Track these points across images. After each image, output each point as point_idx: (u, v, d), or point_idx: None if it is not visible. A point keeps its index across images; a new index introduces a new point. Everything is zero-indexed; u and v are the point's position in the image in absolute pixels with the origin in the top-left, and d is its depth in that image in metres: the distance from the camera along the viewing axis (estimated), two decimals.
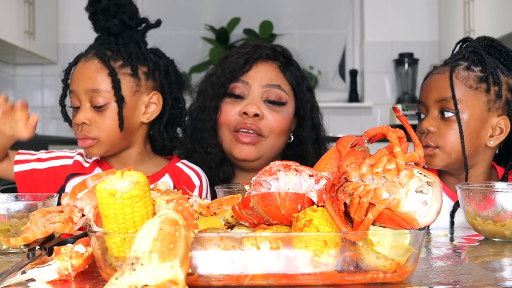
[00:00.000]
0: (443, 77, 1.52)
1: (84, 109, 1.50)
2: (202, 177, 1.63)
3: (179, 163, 1.64)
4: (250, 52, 1.70)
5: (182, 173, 1.60)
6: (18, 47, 3.89)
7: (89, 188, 0.93)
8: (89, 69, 1.51)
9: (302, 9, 4.98)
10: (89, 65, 1.52)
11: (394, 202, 0.79)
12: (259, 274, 0.80)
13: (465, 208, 1.26)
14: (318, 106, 1.80)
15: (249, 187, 0.94)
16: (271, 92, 1.65)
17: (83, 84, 1.50)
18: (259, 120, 1.63)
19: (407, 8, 4.73)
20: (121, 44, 1.56)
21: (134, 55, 1.55)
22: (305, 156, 1.74)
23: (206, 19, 4.93)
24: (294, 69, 1.72)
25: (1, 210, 1.12)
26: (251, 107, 1.62)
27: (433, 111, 1.52)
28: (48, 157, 1.61)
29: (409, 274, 0.84)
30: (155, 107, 1.58)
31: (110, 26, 1.56)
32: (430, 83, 1.55)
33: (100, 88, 1.50)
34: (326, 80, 4.93)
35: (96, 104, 1.49)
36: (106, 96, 1.50)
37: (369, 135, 0.86)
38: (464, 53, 1.55)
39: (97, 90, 1.49)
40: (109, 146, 1.54)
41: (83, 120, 1.49)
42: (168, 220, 0.71)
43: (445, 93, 1.49)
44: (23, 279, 0.84)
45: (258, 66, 1.68)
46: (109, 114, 1.50)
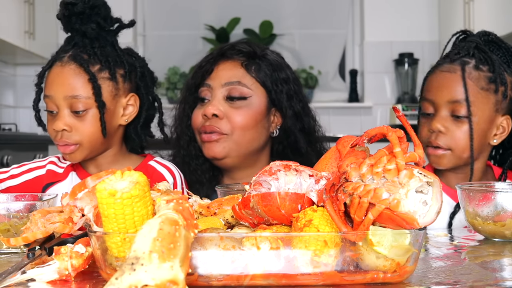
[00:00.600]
0: (455, 77, 1.50)
1: (63, 115, 1.48)
2: (176, 174, 1.63)
3: (151, 161, 1.65)
4: (213, 54, 1.73)
5: (155, 172, 1.60)
6: (18, 47, 3.89)
7: (89, 188, 0.93)
8: (67, 74, 1.49)
9: (302, 9, 4.98)
10: (66, 70, 1.49)
11: (394, 202, 0.79)
12: (259, 274, 0.80)
13: (465, 208, 1.26)
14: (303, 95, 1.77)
15: (249, 187, 0.94)
16: (231, 89, 1.65)
17: (61, 90, 1.48)
18: (219, 120, 1.64)
19: (407, 8, 4.73)
20: (97, 47, 1.54)
21: (111, 58, 1.54)
22: (297, 147, 1.73)
23: (206, 19, 4.93)
24: (263, 62, 1.71)
25: (1, 210, 1.12)
26: (210, 108, 1.64)
27: (444, 111, 1.50)
28: (21, 172, 1.61)
29: (409, 274, 0.84)
30: (132, 108, 1.58)
31: (87, 30, 1.53)
32: (440, 82, 1.53)
33: (81, 94, 1.48)
34: (326, 80, 4.93)
35: (75, 109, 1.48)
36: (86, 102, 1.48)
37: (369, 135, 0.86)
38: (468, 48, 1.54)
39: (77, 96, 1.48)
40: (90, 151, 1.53)
41: (63, 127, 1.48)
42: (168, 220, 0.71)
43: (458, 95, 1.48)
44: (23, 279, 0.84)
45: (219, 67, 1.69)
46: (89, 119, 1.49)
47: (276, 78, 1.70)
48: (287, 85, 1.72)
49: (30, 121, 4.73)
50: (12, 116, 4.65)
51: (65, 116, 1.48)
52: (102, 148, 1.56)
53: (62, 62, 1.51)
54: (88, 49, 1.53)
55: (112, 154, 1.60)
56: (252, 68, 1.68)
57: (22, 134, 4.17)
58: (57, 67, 1.51)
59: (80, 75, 1.49)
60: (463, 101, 1.48)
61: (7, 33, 3.72)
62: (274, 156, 1.74)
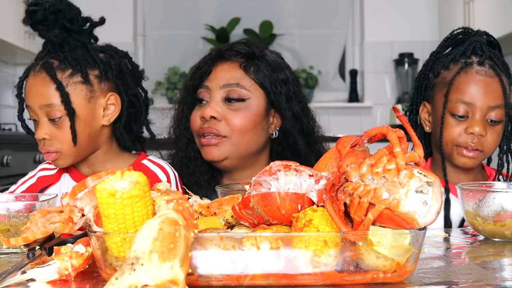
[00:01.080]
0: (494, 82, 1.53)
1: (42, 123, 1.49)
2: (170, 173, 1.62)
3: (145, 160, 1.64)
4: (211, 55, 1.72)
5: (148, 171, 1.60)
6: (18, 47, 3.88)
7: (89, 188, 0.93)
8: (39, 83, 1.49)
9: (302, 9, 4.97)
10: (38, 79, 1.49)
11: (394, 202, 0.79)
12: (259, 274, 0.80)
13: (465, 208, 1.27)
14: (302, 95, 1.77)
15: (249, 187, 0.94)
16: (229, 91, 1.64)
17: (36, 99, 1.49)
18: (217, 122, 1.63)
19: (407, 8, 4.73)
20: (67, 51, 1.53)
21: (82, 60, 1.52)
22: (297, 148, 1.73)
23: (206, 19, 4.93)
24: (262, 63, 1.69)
25: (1, 210, 1.12)
26: (208, 110, 1.63)
27: (483, 115, 1.52)
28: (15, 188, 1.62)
29: (409, 274, 0.84)
30: (114, 108, 1.56)
31: (50, 37, 1.53)
32: (480, 86, 1.53)
33: (53, 102, 1.48)
34: (326, 80, 4.93)
35: (52, 117, 1.48)
36: (60, 110, 1.48)
37: (369, 135, 0.86)
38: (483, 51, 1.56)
39: (50, 104, 1.48)
40: (74, 156, 1.53)
41: (43, 136, 1.48)
42: (168, 220, 0.71)
43: (499, 101, 1.53)
44: (23, 279, 0.84)
45: (217, 68, 1.68)
46: (66, 126, 1.49)
47: (275, 79, 1.69)
48: (286, 86, 1.71)
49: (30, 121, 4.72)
50: (12, 116, 4.64)
51: (44, 124, 1.49)
52: (88, 151, 1.56)
53: (34, 71, 1.51)
54: (58, 55, 1.52)
55: (102, 154, 1.60)
56: (251, 69, 1.67)
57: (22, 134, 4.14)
58: (31, 76, 1.51)
59: (50, 83, 1.48)
60: (502, 106, 1.53)
61: (7, 33, 3.71)
62: (273, 157, 1.73)
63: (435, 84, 1.62)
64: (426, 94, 1.66)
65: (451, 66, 1.58)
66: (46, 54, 1.54)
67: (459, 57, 1.58)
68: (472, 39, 1.60)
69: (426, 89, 1.66)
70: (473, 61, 1.55)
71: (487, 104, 1.51)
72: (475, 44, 1.57)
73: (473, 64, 1.55)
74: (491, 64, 1.55)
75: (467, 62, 1.56)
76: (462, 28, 1.65)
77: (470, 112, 1.53)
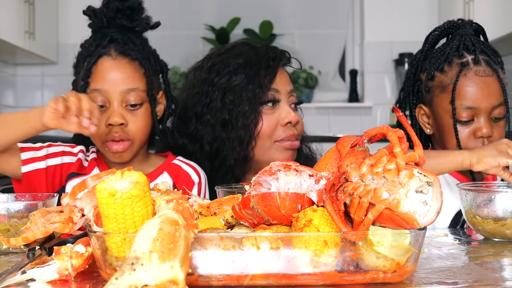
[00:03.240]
0: (494, 80, 1.53)
1: (119, 109, 1.44)
2: (201, 174, 1.61)
3: (176, 160, 1.61)
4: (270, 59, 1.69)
5: (181, 171, 1.58)
6: (18, 47, 3.88)
7: (89, 188, 0.93)
8: (123, 67, 1.46)
9: (302, 9, 4.97)
10: (121, 63, 1.46)
11: (394, 202, 0.79)
12: (259, 274, 0.80)
13: (465, 208, 1.27)
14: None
15: (249, 187, 0.94)
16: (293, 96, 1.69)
17: (119, 83, 1.45)
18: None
19: (407, 8, 4.73)
20: (139, 44, 1.53)
21: (151, 55, 1.54)
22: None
23: (206, 19, 4.93)
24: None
25: (1, 210, 1.12)
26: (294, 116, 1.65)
27: (487, 116, 1.52)
28: (52, 153, 1.53)
29: (409, 274, 0.84)
30: (161, 106, 1.57)
31: (138, 26, 1.53)
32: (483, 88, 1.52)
33: (139, 87, 1.46)
34: (326, 80, 4.92)
35: (131, 103, 1.45)
36: (142, 96, 1.46)
37: (369, 135, 0.86)
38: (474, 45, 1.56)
39: (135, 89, 1.45)
40: (138, 149, 1.51)
41: (121, 120, 1.43)
42: (168, 220, 0.71)
43: (500, 99, 1.53)
44: (23, 279, 0.84)
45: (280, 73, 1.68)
46: (142, 113, 1.47)
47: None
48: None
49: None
50: None
51: (121, 109, 1.45)
52: (143, 146, 1.54)
53: (111, 56, 1.47)
54: (132, 46, 1.50)
55: (141, 154, 1.57)
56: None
57: None
58: (107, 60, 1.47)
59: (136, 68, 1.47)
60: (502, 103, 1.53)
61: (7, 33, 3.71)
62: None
63: (431, 87, 1.59)
64: (420, 96, 1.65)
65: (446, 69, 1.56)
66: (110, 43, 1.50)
67: (452, 57, 1.56)
68: (459, 33, 1.58)
69: (419, 91, 1.65)
70: (468, 60, 1.54)
71: (491, 104, 1.51)
72: (464, 38, 1.56)
73: (470, 64, 1.53)
74: (486, 60, 1.54)
75: (463, 63, 1.54)
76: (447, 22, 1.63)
77: (474, 116, 1.52)
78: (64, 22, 4.61)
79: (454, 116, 1.52)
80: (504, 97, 1.53)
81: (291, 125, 1.63)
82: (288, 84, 1.67)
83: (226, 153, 1.61)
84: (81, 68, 1.51)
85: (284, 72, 1.69)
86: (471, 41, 1.55)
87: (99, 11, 1.52)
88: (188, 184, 1.55)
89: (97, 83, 1.45)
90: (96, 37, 1.53)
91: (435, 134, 1.62)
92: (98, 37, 1.52)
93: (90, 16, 1.54)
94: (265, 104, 1.62)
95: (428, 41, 1.63)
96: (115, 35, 1.51)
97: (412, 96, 1.66)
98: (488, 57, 1.54)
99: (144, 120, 1.48)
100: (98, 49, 1.48)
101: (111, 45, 1.49)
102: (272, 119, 1.62)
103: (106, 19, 1.51)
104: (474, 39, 1.56)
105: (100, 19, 1.51)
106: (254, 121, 1.60)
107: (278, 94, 1.64)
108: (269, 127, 1.62)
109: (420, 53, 1.64)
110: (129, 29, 1.54)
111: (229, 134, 1.61)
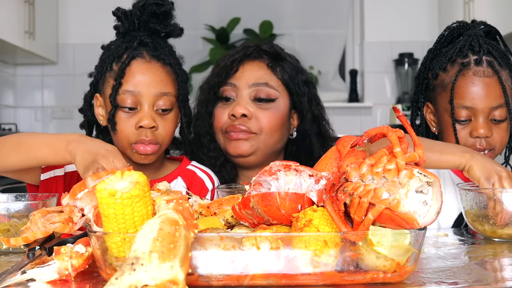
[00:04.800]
0: (493, 82, 1.52)
1: (150, 112, 1.43)
2: (215, 180, 1.61)
3: (190, 166, 1.61)
4: (236, 53, 1.71)
5: (195, 177, 1.58)
6: (18, 47, 3.88)
7: (89, 188, 0.93)
8: (157, 71, 1.46)
9: (302, 9, 4.97)
10: (156, 67, 1.46)
11: (394, 202, 0.79)
12: (259, 274, 0.80)
13: (465, 208, 1.27)
14: (319, 98, 1.79)
15: (249, 187, 0.94)
16: (259, 91, 1.65)
17: (152, 86, 1.44)
18: (248, 120, 1.64)
19: (407, 8, 4.73)
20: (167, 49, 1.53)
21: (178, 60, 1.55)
22: (312, 150, 1.73)
23: (206, 19, 4.93)
24: (286, 64, 1.71)
25: (1, 210, 1.12)
26: (238, 108, 1.63)
27: (485, 117, 1.52)
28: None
29: (409, 274, 0.84)
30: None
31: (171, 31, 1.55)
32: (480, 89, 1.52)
33: (171, 92, 1.46)
34: (326, 80, 4.92)
35: (163, 108, 1.44)
36: (172, 101, 1.46)
37: (369, 135, 0.86)
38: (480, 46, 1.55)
39: (167, 93, 1.45)
40: (163, 152, 1.51)
41: (153, 124, 1.43)
42: (168, 220, 0.71)
43: (500, 100, 1.51)
44: (23, 279, 0.84)
45: (245, 67, 1.68)
46: (170, 118, 1.47)
47: (298, 81, 1.71)
48: (307, 88, 1.73)
49: (30, 121, 4.73)
50: (12, 116, 4.65)
51: (152, 113, 1.44)
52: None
53: (144, 59, 1.47)
54: (162, 51, 1.50)
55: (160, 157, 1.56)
56: (277, 69, 1.69)
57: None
58: (141, 63, 1.46)
59: (168, 73, 1.47)
60: (503, 105, 1.51)
61: (7, 33, 3.71)
62: (287, 158, 1.74)
63: (434, 86, 1.61)
64: (428, 94, 1.66)
65: (448, 68, 1.57)
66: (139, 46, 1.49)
67: (456, 56, 1.56)
68: (468, 33, 1.58)
69: (427, 89, 1.65)
70: (470, 60, 1.54)
71: (489, 105, 1.51)
72: (472, 38, 1.56)
73: (471, 65, 1.53)
74: (489, 61, 1.53)
75: (464, 63, 1.54)
76: (457, 22, 1.63)
77: (472, 116, 1.52)
78: (64, 22, 4.61)
79: (453, 115, 1.53)
80: (506, 99, 1.51)
81: (235, 118, 1.64)
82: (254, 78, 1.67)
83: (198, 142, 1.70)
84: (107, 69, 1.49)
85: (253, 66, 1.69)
86: (478, 42, 1.55)
87: (132, 14, 1.51)
88: (202, 191, 1.55)
89: (129, 85, 1.44)
90: (125, 39, 1.52)
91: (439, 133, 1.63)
92: (126, 39, 1.51)
93: (119, 18, 1.52)
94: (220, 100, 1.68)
95: (438, 41, 1.64)
96: (145, 38, 1.50)
97: (421, 94, 1.66)
98: (493, 58, 1.54)
99: (172, 125, 1.48)
100: (129, 51, 1.47)
101: (142, 48, 1.48)
102: (223, 111, 1.67)
103: (139, 22, 1.51)
104: (482, 40, 1.56)
105: (132, 21, 1.51)
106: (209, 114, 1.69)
107: (235, 88, 1.66)
108: (218, 119, 1.68)
109: (430, 52, 1.66)
110: (158, 33, 1.54)
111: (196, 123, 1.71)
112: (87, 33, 4.48)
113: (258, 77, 1.67)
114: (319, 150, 1.72)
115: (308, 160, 1.66)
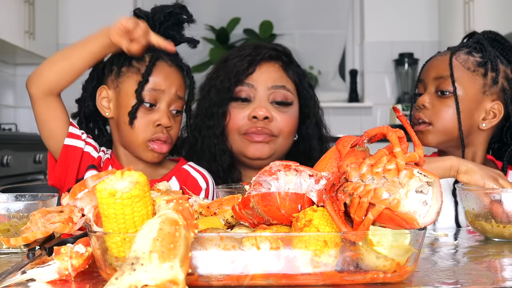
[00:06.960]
0: (444, 58, 1.57)
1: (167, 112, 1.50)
2: (209, 180, 1.62)
3: (186, 166, 1.62)
4: (252, 53, 1.69)
5: (189, 176, 1.59)
6: (18, 47, 3.89)
7: (89, 188, 0.93)
8: (176, 75, 1.53)
9: (302, 9, 4.97)
10: (175, 71, 1.54)
11: (394, 202, 0.79)
12: (259, 274, 0.80)
13: (465, 208, 1.27)
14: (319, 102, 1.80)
15: (249, 187, 0.94)
16: (277, 93, 1.65)
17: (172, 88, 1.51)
18: (269, 122, 1.64)
19: (407, 8, 4.73)
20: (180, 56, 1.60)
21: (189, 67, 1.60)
22: (311, 154, 1.73)
23: (206, 19, 4.93)
24: (295, 67, 1.72)
25: (1, 210, 1.12)
26: (260, 110, 1.62)
27: (431, 88, 1.56)
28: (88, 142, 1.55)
29: (409, 274, 0.84)
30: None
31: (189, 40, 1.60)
32: (430, 63, 1.61)
33: (183, 96, 1.54)
34: (326, 80, 4.93)
35: (177, 109, 1.52)
36: (183, 104, 1.54)
37: (369, 135, 0.86)
38: (468, 42, 1.61)
39: (182, 97, 1.53)
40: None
41: (170, 124, 1.50)
42: (168, 220, 0.71)
43: (444, 72, 1.55)
44: (23, 279, 0.84)
45: (262, 68, 1.67)
46: (179, 120, 1.55)
47: (305, 84, 1.72)
48: (312, 91, 1.75)
49: (30, 121, 4.72)
50: (12, 116, 4.65)
51: (168, 113, 1.51)
52: None
53: (166, 62, 1.53)
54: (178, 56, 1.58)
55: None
56: (290, 72, 1.69)
57: (22, 134, 4.16)
58: (164, 66, 1.53)
59: (183, 79, 1.55)
60: (448, 77, 1.53)
61: (7, 33, 3.71)
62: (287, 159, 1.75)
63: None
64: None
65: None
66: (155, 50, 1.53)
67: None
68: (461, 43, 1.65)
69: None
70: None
71: (432, 76, 1.57)
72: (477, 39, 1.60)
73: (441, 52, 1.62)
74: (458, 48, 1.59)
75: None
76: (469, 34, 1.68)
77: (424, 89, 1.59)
78: (64, 22, 4.61)
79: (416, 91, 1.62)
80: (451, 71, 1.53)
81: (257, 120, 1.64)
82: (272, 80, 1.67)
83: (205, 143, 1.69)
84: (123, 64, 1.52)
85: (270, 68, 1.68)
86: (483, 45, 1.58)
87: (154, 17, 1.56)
88: (196, 190, 1.57)
89: (154, 83, 1.50)
90: None
91: None
92: None
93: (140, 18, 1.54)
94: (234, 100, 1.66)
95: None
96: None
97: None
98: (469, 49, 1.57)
99: (179, 127, 1.56)
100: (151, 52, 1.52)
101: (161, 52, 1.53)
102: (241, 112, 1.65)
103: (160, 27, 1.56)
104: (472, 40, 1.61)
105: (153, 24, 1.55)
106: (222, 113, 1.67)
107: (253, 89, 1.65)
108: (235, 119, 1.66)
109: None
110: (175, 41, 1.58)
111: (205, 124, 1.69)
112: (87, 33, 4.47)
113: (275, 79, 1.67)
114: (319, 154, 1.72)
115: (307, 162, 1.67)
